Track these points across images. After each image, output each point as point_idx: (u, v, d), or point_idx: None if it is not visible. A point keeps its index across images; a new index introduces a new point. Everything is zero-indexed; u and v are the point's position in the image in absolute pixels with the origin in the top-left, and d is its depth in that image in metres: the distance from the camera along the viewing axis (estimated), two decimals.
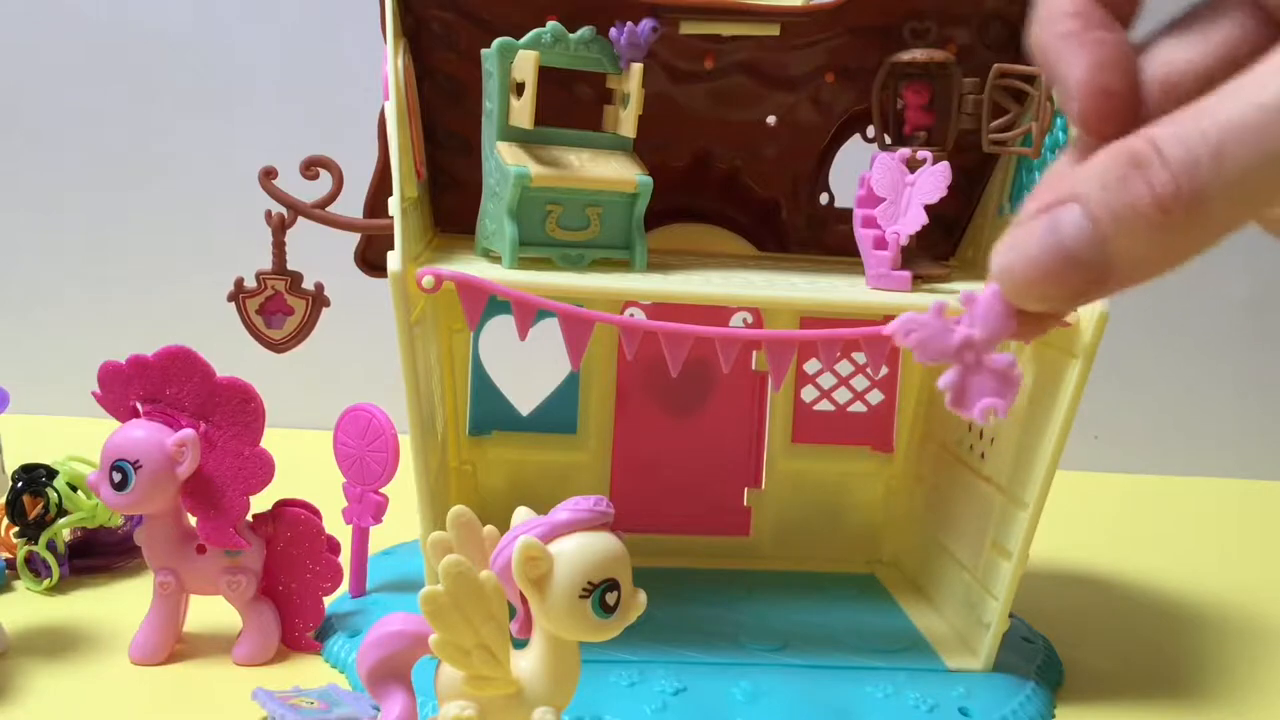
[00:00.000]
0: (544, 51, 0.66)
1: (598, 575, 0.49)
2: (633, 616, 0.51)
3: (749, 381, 0.86)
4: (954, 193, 0.68)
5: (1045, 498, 0.67)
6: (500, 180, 0.66)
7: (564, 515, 0.50)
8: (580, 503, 0.50)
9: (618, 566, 0.50)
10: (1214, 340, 1.33)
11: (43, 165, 1.25)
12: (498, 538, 0.52)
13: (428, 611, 0.48)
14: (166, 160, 1.24)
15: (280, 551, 0.71)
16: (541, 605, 0.50)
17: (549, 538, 0.50)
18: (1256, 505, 1.24)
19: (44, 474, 0.80)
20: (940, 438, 0.83)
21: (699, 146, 0.78)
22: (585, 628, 0.50)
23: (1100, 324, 0.63)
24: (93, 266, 1.27)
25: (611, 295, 0.69)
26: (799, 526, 0.88)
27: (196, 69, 1.23)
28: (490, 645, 0.49)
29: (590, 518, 0.50)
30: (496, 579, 0.50)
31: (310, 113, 1.21)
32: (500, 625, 0.50)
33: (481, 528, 0.52)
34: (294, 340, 0.75)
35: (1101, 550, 1.02)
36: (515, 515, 0.52)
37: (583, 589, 0.49)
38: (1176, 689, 0.76)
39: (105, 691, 0.66)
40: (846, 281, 0.70)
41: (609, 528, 0.51)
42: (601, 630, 0.50)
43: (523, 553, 0.49)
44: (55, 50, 1.22)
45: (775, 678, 0.68)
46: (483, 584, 0.49)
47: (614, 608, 0.50)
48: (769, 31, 0.72)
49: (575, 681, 0.52)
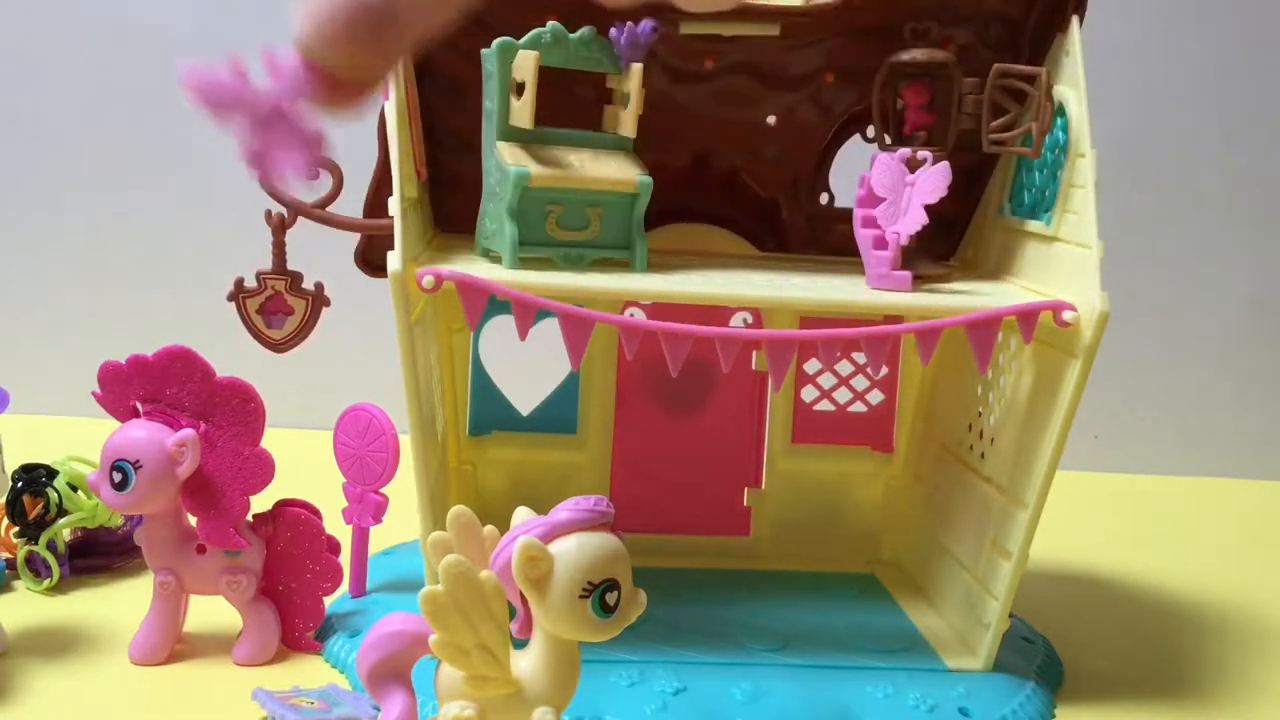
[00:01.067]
0: (544, 51, 0.65)
1: (598, 575, 0.49)
2: (633, 616, 0.51)
3: (749, 381, 0.86)
4: (954, 193, 0.68)
5: (1045, 498, 0.67)
6: (500, 180, 0.66)
7: (564, 515, 0.50)
8: (580, 503, 0.50)
9: (618, 566, 0.50)
10: (1214, 340, 1.33)
11: (43, 165, 1.25)
12: (498, 538, 0.52)
13: (428, 611, 0.48)
14: (166, 160, 1.24)
15: (280, 551, 0.71)
16: (541, 605, 0.50)
17: (549, 538, 0.50)
18: (1256, 505, 1.24)
19: (44, 474, 0.80)
20: (940, 438, 0.83)
21: (699, 146, 0.78)
22: (585, 628, 0.50)
23: (1100, 324, 0.63)
24: (93, 266, 1.27)
25: (611, 295, 0.69)
26: (799, 526, 0.88)
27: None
28: (490, 645, 0.49)
29: (590, 518, 0.50)
30: (496, 579, 0.50)
31: (310, 112, 1.21)
32: (500, 625, 0.50)
33: (481, 528, 0.52)
34: (294, 340, 0.75)
35: (1101, 550, 1.02)
36: (515, 515, 0.52)
37: (583, 589, 0.49)
38: (1176, 689, 0.76)
39: (105, 691, 0.66)
40: (846, 281, 0.70)
41: (609, 528, 0.51)
42: (601, 630, 0.50)
43: (523, 553, 0.49)
44: (55, 50, 1.22)
45: (775, 678, 0.68)
46: (483, 584, 0.49)
47: (614, 608, 0.50)
48: (769, 32, 0.72)
49: (575, 681, 0.52)
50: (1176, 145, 1.27)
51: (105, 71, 1.22)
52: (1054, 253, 0.69)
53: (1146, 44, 1.24)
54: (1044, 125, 0.67)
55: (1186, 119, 1.27)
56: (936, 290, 0.68)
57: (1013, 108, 0.68)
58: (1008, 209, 0.77)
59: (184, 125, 1.23)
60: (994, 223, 0.78)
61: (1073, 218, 0.67)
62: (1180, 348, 1.33)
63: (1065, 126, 0.69)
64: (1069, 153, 0.68)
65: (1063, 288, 0.66)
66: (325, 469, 0.77)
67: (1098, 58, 0.70)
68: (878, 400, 0.88)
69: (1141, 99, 1.25)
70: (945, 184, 0.66)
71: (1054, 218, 0.69)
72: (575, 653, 0.52)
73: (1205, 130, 1.27)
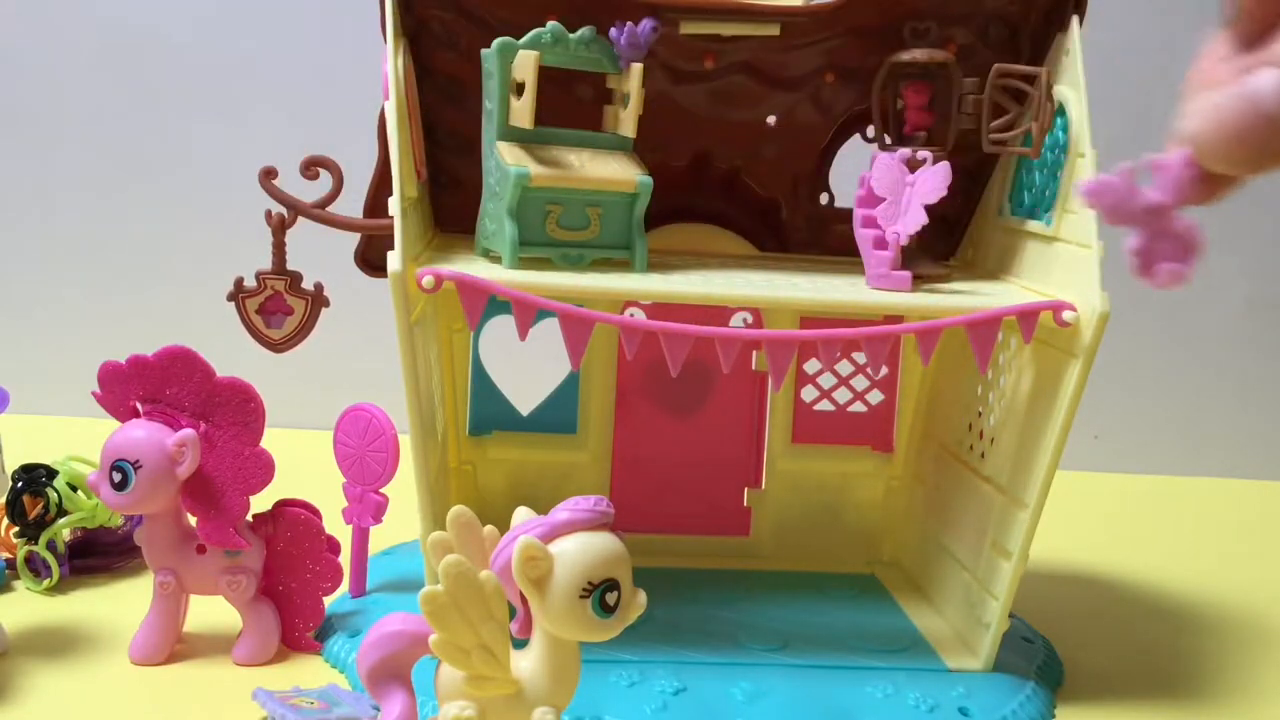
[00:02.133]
0: (544, 51, 0.66)
1: (598, 575, 0.49)
2: (633, 616, 0.51)
3: (749, 381, 0.86)
4: (954, 193, 0.68)
5: (1045, 497, 0.67)
6: (500, 180, 0.66)
7: (564, 515, 0.50)
8: (580, 503, 0.50)
9: (618, 566, 0.50)
10: (1214, 340, 1.33)
11: (43, 165, 1.25)
12: (498, 538, 0.52)
13: (428, 611, 0.48)
14: (166, 160, 1.24)
15: (280, 551, 0.71)
16: (541, 605, 0.50)
17: (549, 538, 0.50)
18: (1256, 505, 1.24)
19: (44, 474, 0.80)
20: (940, 438, 0.83)
21: (699, 146, 0.78)
22: (585, 628, 0.50)
23: (1100, 324, 0.63)
24: (93, 266, 1.27)
25: (611, 295, 0.69)
26: (799, 526, 0.88)
27: (197, 69, 1.23)
28: (490, 645, 0.49)
29: (590, 518, 0.50)
30: (496, 579, 0.50)
31: (310, 113, 1.21)
32: (500, 625, 0.50)
33: (481, 528, 0.52)
34: (294, 340, 0.75)
35: (1101, 550, 1.02)
36: (515, 515, 0.52)
37: (583, 589, 0.49)
38: (1176, 689, 0.76)
39: (105, 691, 0.66)
40: (846, 281, 0.70)
41: (609, 528, 0.51)
42: (601, 630, 0.50)
43: (523, 553, 0.49)
44: (56, 50, 1.22)
45: (775, 677, 0.68)
46: (483, 584, 0.49)
47: (614, 608, 0.50)
48: (769, 31, 0.72)
49: (575, 681, 0.52)
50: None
51: (106, 71, 1.22)
52: (1054, 253, 0.69)
53: (1146, 44, 1.24)
54: (1044, 125, 0.67)
55: None
56: (936, 290, 0.68)
57: (1013, 108, 0.68)
58: (1008, 209, 0.77)
59: (185, 125, 1.23)
60: (994, 223, 0.78)
61: (1073, 218, 0.67)
62: (1180, 348, 1.33)
63: (1065, 126, 0.69)
64: (1069, 153, 0.68)
65: (1063, 288, 0.66)
66: (325, 469, 0.77)
67: (1098, 58, 0.70)
68: (878, 400, 0.88)
69: (1141, 99, 1.25)
70: (945, 184, 0.66)
71: (1054, 218, 0.69)
72: (576, 653, 0.52)
73: None
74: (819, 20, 0.73)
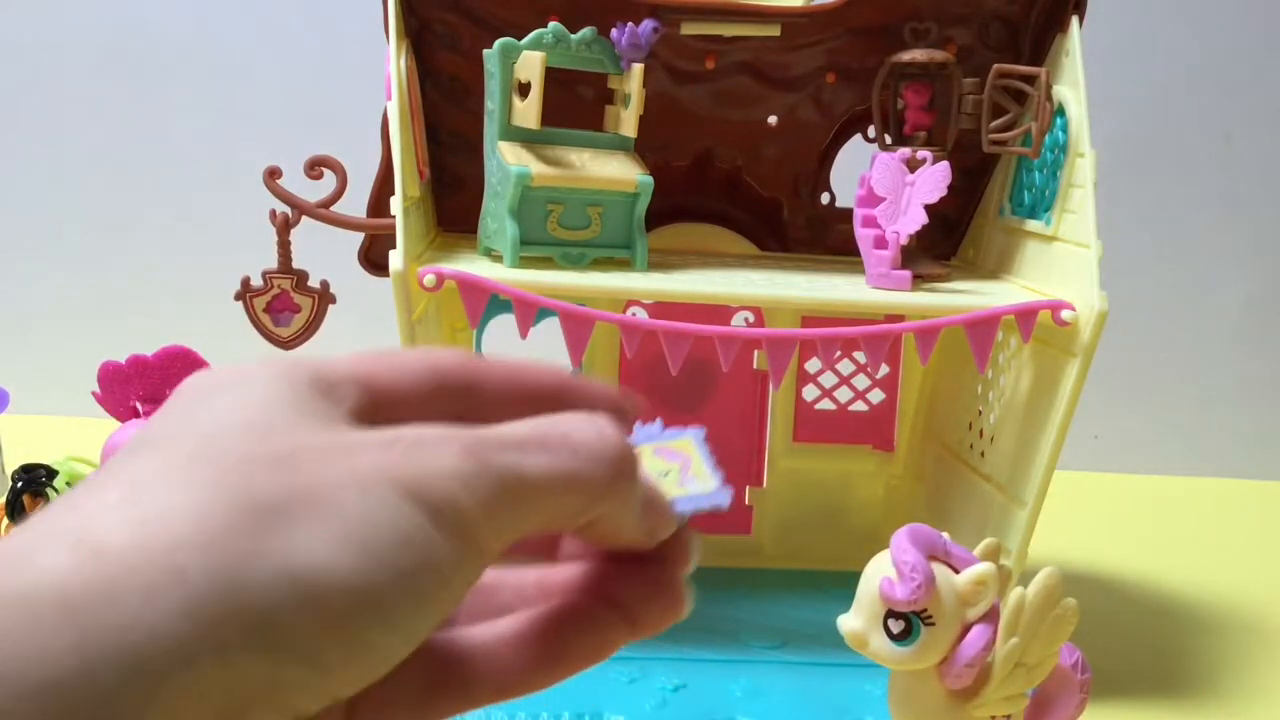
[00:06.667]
0: (546, 52, 0.66)
1: None
2: None
3: (750, 380, 0.86)
4: (954, 193, 0.68)
5: (1044, 496, 0.67)
6: (502, 180, 0.66)
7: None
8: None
9: None
10: (1214, 340, 1.33)
11: (43, 165, 1.25)
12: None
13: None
14: (170, 160, 1.24)
15: None
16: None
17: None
18: (1256, 505, 1.24)
19: (44, 474, 0.80)
20: (941, 437, 0.83)
21: (700, 146, 0.78)
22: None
23: (1099, 323, 0.63)
24: (93, 266, 1.27)
25: (612, 294, 0.70)
26: (800, 525, 0.88)
27: (200, 69, 1.23)
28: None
29: None
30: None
31: (314, 113, 1.21)
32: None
33: None
34: (301, 337, 0.75)
35: (1101, 550, 1.03)
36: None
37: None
38: (1176, 689, 0.76)
39: None
40: (847, 281, 0.70)
41: None
42: None
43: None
44: (56, 50, 1.22)
45: (775, 675, 0.68)
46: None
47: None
48: (770, 32, 0.73)
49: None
50: (1176, 145, 1.27)
51: (108, 71, 1.23)
52: (1053, 252, 0.69)
53: (1146, 44, 1.24)
54: (1044, 125, 0.67)
55: (1186, 119, 1.27)
56: (936, 289, 0.68)
57: (1012, 108, 0.68)
58: (1008, 209, 0.77)
59: (186, 125, 1.23)
60: (994, 222, 0.79)
61: (1072, 217, 0.68)
62: (1180, 348, 1.33)
63: (1065, 126, 0.69)
64: (1068, 153, 0.69)
65: (1062, 287, 0.66)
66: None
67: (1098, 58, 0.70)
68: (878, 399, 0.88)
69: (1141, 99, 1.25)
70: (945, 184, 0.66)
71: (1053, 217, 0.69)
72: None
73: (1204, 130, 1.28)
74: (819, 21, 0.73)
